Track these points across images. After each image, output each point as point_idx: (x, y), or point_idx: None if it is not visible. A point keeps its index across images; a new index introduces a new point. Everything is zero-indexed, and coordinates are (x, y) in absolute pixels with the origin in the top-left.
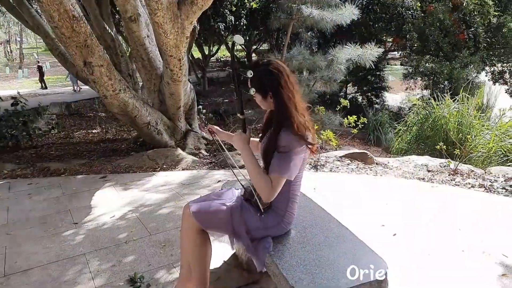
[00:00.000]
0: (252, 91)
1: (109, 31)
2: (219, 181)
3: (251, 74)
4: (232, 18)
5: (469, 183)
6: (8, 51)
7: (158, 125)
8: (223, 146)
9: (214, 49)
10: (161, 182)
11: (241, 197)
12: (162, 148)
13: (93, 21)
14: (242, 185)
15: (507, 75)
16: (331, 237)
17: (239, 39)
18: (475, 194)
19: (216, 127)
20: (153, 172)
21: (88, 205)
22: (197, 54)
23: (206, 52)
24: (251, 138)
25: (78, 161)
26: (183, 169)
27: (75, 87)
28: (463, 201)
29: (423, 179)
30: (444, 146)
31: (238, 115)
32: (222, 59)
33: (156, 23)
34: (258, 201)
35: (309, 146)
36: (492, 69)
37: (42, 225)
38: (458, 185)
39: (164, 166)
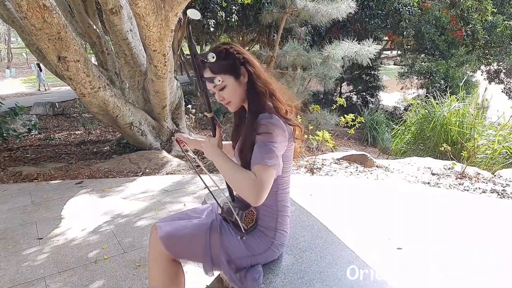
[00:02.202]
0: (217, 80)
1: (94, 27)
2: (206, 187)
3: (213, 57)
4: (223, 14)
5: (479, 188)
6: None
7: (142, 126)
8: (194, 158)
9: (207, 48)
10: (141, 189)
11: (220, 216)
12: (146, 151)
13: (77, 17)
14: (217, 202)
15: (502, 75)
16: (335, 264)
17: (193, 13)
18: (488, 201)
19: (185, 135)
20: (134, 177)
21: (57, 216)
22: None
23: (199, 51)
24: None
25: (55, 164)
26: (167, 174)
27: (46, 87)
28: (476, 208)
29: (428, 183)
30: (449, 148)
31: (205, 113)
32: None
33: (137, 15)
34: (239, 220)
35: (293, 132)
36: (487, 68)
37: (0, 241)
38: (468, 190)
39: (147, 170)
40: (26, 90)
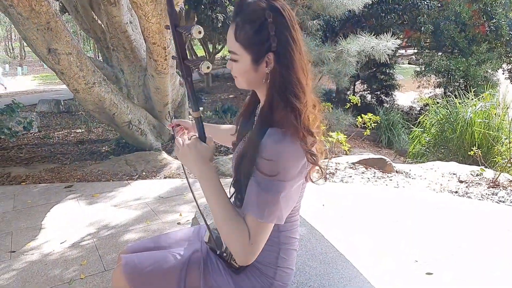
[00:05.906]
0: (206, 66)
1: (99, 22)
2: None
3: (200, 32)
4: (232, 8)
5: None
6: (9, 49)
7: (141, 124)
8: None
9: (219, 47)
10: (135, 195)
11: (206, 245)
12: (144, 152)
13: (81, 12)
14: (207, 225)
15: None
16: None
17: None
18: None
19: (185, 120)
20: (129, 181)
21: (38, 225)
22: (200, 52)
23: (211, 50)
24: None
25: (47, 165)
26: (165, 177)
27: (4, 85)
28: None
29: (456, 192)
30: (480, 152)
31: (190, 112)
32: (227, 57)
33: (134, 4)
34: (228, 254)
35: (312, 162)
36: (509, 67)
37: None
38: (504, 201)
39: (144, 174)
40: (35, 88)
